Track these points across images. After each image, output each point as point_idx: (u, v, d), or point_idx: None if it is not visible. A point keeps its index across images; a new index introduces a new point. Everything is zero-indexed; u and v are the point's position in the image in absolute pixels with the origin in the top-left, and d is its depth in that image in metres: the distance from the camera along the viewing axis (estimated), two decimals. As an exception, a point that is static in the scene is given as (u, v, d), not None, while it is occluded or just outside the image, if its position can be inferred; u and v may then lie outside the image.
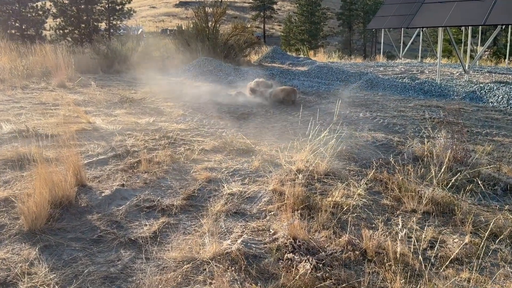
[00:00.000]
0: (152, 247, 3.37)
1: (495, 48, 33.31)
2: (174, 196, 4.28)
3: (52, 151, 5.21)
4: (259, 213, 4.00)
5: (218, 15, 16.62)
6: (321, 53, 27.57)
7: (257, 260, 3.24)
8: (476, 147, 6.03)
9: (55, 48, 14.11)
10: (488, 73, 15.36)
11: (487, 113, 8.59)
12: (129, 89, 10.53)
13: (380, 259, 3.27)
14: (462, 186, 4.59)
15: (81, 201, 4.04)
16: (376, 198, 4.38)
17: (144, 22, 64.03)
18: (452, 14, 12.00)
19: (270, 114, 8.19)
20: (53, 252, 3.26)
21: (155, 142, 5.94)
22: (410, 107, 9.18)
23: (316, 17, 56.71)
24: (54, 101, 8.65)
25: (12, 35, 22.39)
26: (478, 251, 3.45)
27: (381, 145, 6.21)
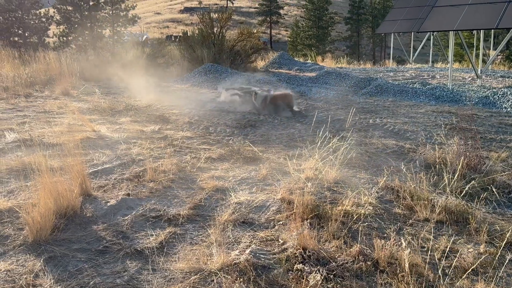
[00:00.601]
0: (158, 257, 3.30)
1: (508, 52, 33.09)
2: (181, 205, 4.21)
3: (56, 160, 5.16)
4: (268, 222, 3.91)
5: (224, 21, 16.60)
6: (329, 58, 27.52)
7: (266, 271, 3.16)
8: (490, 153, 5.91)
9: (58, 55, 14.14)
10: (501, 78, 15.20)
11: (500, 119, 8.45)
12: (134, 97, 10.50)
13: (392, 269, 3.18)
14: (476, 194, 4.48)
15: (86, 211, 3.98)
16: (387, 207, 4.28)
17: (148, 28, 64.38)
18: (464, 18, 11.88)
19: (277, 121, 8.11)
20: (58, 264, 3.19)
21: (161, 150, 5.89)
22: (422, 113, 9.06)
23: (324, 22, 56.74)
24: (58, 109, 8.63)
25: (15, 42, 22.53)
26: (494, 261, 3.34)
27: (392, 152, 6.11)
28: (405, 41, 41.29)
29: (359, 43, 61.69)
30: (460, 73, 16.74)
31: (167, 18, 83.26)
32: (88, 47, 22.13)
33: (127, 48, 16.19)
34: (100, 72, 14.31)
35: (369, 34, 61.24)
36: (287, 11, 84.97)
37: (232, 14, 17.70)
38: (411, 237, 3.68)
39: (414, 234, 3.74)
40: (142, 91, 11.21)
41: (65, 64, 12.73)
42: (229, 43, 16.94)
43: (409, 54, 25.32)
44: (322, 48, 53.28)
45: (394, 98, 11.32)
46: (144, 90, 11.37)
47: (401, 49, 28.03)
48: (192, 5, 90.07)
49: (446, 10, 12.65)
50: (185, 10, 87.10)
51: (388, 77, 15.59)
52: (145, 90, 11.37)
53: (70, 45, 23.82)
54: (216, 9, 18.30)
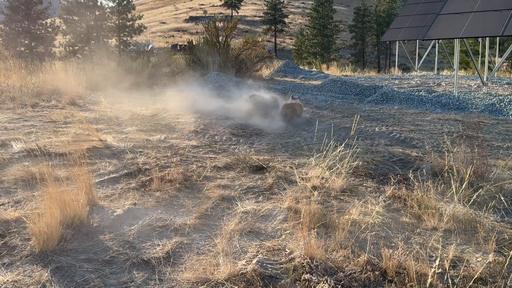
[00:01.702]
0: (165, 267, 3.28)
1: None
2: (187, 215, 4.20)
3: (63, 170, 5.17)
4: (274, 232, 3.90)
5: (229, 30, 16.67)
6: (334, 67, 27.54)
7: (273, 281, 3.14)
8: (498, 161, 5.87)
9: (65, 65, 14.22)
10: (507, 85, 15.15)
11: (507, 126, 8.41)
12: (139, 106, 10.53)
13: (401, 279, 3.15)
14: (484, 203, 4.44)
15: (92, 221, 3.97)
16: (395, 216, 4.26)
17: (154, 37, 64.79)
18: (469, 25, 11.88)
19: (283, 130, 8.10)
20: (65, 274, 3.19)
21: (167, 159, 5.89)
22: (428, 120, 9.03)
23: (328, 30, 56.89)
24: (65, 119, 8.66)
25: (22, 52, 22.72)
26: (503, 270, 3.31)
27: (399, 161, 6.08)
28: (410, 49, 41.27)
29: (364, 51, 61.79)
30: (466, 81, 16.69)
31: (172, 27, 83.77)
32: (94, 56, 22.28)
33: (133, 58, 16.25)
34: (106, 81, 14.36)
35: (374, 42, 61.35)
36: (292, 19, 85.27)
37: (237, 23, 17.77)
38: (419, 246, 3.65)
39: (422, 243, 3.71)
40: (148, 100, 11.25)
41: (71, 73, 12.79)
42: (234, 51, 16.99)
43: (414, 61, 25.31)
44: (327, 56, 53.38)
45: (400, 106, 11.30)
46: (150, 99, 11.41)
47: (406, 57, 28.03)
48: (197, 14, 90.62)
49: (451, 18, 12.65)
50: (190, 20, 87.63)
51: (393, 85, 15.57)
52: (151, 99, 11.41)
53: (76, 55, 24.00)
54: (221, 18, 18.39)
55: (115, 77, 14.61)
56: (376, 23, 61.07)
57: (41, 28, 24.21)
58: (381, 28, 58.46)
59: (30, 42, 23.73)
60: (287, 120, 8.72)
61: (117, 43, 25.28)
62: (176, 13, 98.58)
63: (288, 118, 8.78)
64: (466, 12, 12.44)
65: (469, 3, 12.72)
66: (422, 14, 23.28)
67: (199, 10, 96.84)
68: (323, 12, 56.96)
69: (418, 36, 22.18)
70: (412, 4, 25.05)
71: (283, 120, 8.71)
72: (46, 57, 19.24)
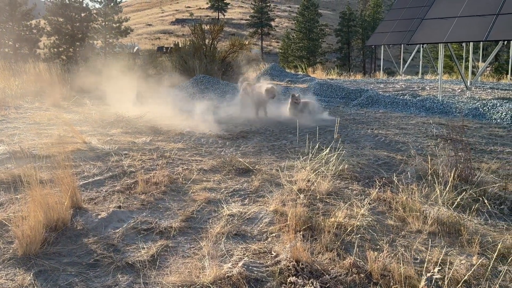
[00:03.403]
0: (150, 271, 3.26)
1: (497, 64, 33.52)
2: (173, 217, 4.17)
3: (46, 173, 5.11)
4: (260, 234, 3.89)
5: (215, 32, 16.66)
6: (319, 70, 27.65)
7: (259, 284, 3.13)
8: (481, 165, 5.94)
9: (49, 66, 14.07)
10: (490, 89, 15.36)
11: (490, 130, 8.52)
12: (125, 108, 10.45)
13: (385, 282, 3.16)
14: (468, 206, 4.49)
15: (76, 224, 3.93)
16: (380, 218, 4.28)
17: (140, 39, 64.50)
18: (453, 30, 12.02)
19: (269, 132, 8.11)
20: (48, 277, 3.15)
21: (152, 162, 5.85)
22: (412, 124, 9.11)
23: (315, 34, 57.20)
24: (49, 120, 8.57)
25: (6, 53, 22.45)
26: (487, 272, 3.34)
27: (384, 164, 6.12)
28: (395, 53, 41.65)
29: (350, 55, 62.20)
30: (450, 85, 16.89)
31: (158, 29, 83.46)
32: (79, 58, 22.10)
33: (118, 59, 16.15)
34: (91, 83, 14.24)
35: (359, 46, 61.81)
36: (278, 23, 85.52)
37: (223, 25, 17.78)
38: (404, 248, 3.67)
39: (406, 246, 3.74)
40: (133, 102, 11.16)
41: (55, 75, 12.66)
42: (220, 54, 16.99)
43: (399, 65, 25.54)
44: (313, 60, 53.65)
45: (385, 109, 11.39)
46: (135, 101, 11.32)
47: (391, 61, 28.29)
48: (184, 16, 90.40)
49: (436, 23, 12.80)
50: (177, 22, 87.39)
51: (378, 89, 15.69)
52: (136, 101, 11.32)
53: (61, 56, 23.78)
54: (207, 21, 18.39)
55: (100, 79, 14.50)
56: (361, 27, 61.53)
57: (26, 29, 23.94)
58: (366, 32, 58.93)
59: (14, 43, 23.45)
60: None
61: (103, 45, 25.09)
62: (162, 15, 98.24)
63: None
64: (451, 17, 12.59)
65: (454, 8, 12.87)
66: (407, 19, 23.51)
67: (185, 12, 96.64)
68: (309, 16, 57.26)
69: (403, 40, 22.39)
70: (397, 9, 25.29)
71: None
72: (31, 59, 19.00)
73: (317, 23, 58.45)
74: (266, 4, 74.86)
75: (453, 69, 29.30)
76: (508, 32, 11.22)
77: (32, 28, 24.15)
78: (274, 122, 9.11)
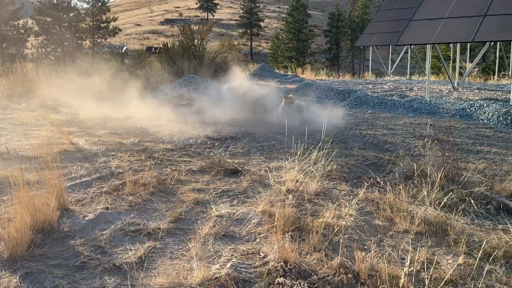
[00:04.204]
0: (137, 273, 3.24)
1: (484, 65, 33.85)
2: (161, 219, 4.16)
3: (33, 174, 5.06)
4: (249, 235, 3.89)
5: (204, 33, 16.64)
6: (308, 71, 27.72)
7: (247, 285, 3.13)
8: (468, 165, 5.99)
9: (36, 67, 13.95)
10: (477, 90, 15.51)
11: (477, 131, 8.60)
12: (113, 108, 10.39)
13: (373, 282, 3.18)
14: (455, 206, 4.53)
15: (63, 225, 3.90)
16: (368, 219, 4.30)
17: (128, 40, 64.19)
18: (441, 31, 12.12)
19: (258, 133, 8.10)
20: (34, 280, 3.12)
21: (141, 163, 5.82)
22: (400, 124, 9.17)
23: (304, 35, 57.35)
24: (36, 121, 8.49)
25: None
26: (473, 272, 3.37)
27: (372, 164, 6.15)
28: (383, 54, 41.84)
29: (339, 55, 62.45)
30: (437, 86, 17.02)
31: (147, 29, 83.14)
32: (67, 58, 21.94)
33: (106, 60, 16.06)
34: (79, 83, 14.13)
35: (348, 46, 62.09)
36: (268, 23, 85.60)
37: (212, 26, 17.78)
38: (391, 248, 3.69)
39: (394, 246, 3.76)
40: (121, 102, 11.11)
41: (43, 75, 12.56)
42: (209, 55, 16.98)
43: (387, 66, 25.67)
44: (302, 60, 53.76)
45: (373, 110, 11.44)
46: (124, 101, 11.27)
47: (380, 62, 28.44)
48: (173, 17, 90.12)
49: (423, 24, 12.89)
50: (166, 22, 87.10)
51: (367, 89, 15.76)
52: (125, 101, 11.27)
53: (48, 57, 23.59)
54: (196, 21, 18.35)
55: (88, 79, 14.40)
56: (350, 28, 61.83)
57: (13, 29, 23.71)
58: (355, 33, 59.21)
59: (1, 43, 23.21)
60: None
61: (91, 45, 24.93)
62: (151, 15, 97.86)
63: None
64: (438, 18, 12.69)
65: (441, 9, 12.97)
66: (395, 20, 23.65)
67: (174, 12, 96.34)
68: (298, 16, 57.40)
69: (391, 41, 22.51)
70: (385, 10, 25.43)
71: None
72: (18, 59, 18.83)
73: (306, 23, 58.62)
74: (256, 5, 74.92)
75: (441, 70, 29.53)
76: (495, 33, 11.34)
77: (19, 28, 23.93)
78: (263, 122, 9.11)
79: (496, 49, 21.73)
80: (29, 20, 24.92)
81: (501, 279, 3.32)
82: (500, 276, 3.35)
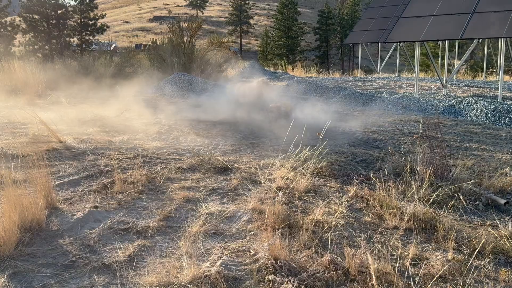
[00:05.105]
0: (127, 271, 3.22)
1: (472, 62, 34.09)
2: (150, 217, 4.14)
3: (21, 173, 5.01)
4: (239, 233, 3.88)
5: (194, 30, 16.57)
6: (298, 68, 27.75)
7: (238, 282, 3.13)
8: (457, 161, 6.03)
9: (24, 64, 13.80)
10: (466, 87, 15.62)
11: (466, 127, 8.67)
12: (102, 106, 10.32)
13: (363, 278, 3.19)
14: (444, 202, 4.56)
15: (52, 224, 3.86)
16: (357, 216, 4.31)
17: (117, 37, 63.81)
18: (429, 29, 12.18)
19: (248, 131, 8.09)
20: (22, 279, 3.09)
21: (130, 161, 5.78)
22: (389, 121, 9.21)
23: (293, 32, 57.37)
24: (23, 119, 8.39)
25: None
26: (462, 267, 3.39)
27: (361, 161, 6.17)
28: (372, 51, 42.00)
29: (328, 53, 62.54)
30: (426, 83, 17.11)
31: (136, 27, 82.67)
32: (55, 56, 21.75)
33: (95, 57, 15.94)
34: (67, 81, 14.02)
35: (338, 44, 62.21)
36: (257, 21, 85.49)
37: (202, 23, 17.70)
38: (381, 245, 3.71)
39: (383, 242, 3.78)
40: (110, 100, 11.04)
41: (30, 73, 12.42)
42: (199, 52, 16.91)
43: (377, 64, 25.76)
44: (292, 58, 53.77)
45: (363, 107, 11.48)
46: (113, 99, 11.20)
47: (369, 59, 28.54)
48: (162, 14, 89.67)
49: (412, 21, 12.94)
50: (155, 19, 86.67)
51: (356, 87, 15.81)
52: (114, 99, 11.20)
53: (36, 54, 23.37)
54: (186, 18, 18.25)
55: (76, 77, 14.30)
56: (339, 25, 61.94)
57: (0, 26, 23.44)
58: (344, 30, 59.33)
59: (-12, 41, 22.98)
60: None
61: (79, 42, 24.72)
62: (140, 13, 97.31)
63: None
64: (427, 15, 12.75)
65: (430, 6, 13.03)
66: (384, 17, 23.71)
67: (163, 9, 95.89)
68: (288, 14, 57.39)
69: (380, 39, 22.57)
70: (374, 7, 25.49)
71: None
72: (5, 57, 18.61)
73: (296, 21, 58.62)
74: (245, 2, 74.79)
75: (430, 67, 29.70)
76: (482, 30, 11.42)
77: (6, 25, 23.65)
78: (254, 120, 9.10)
79: (484, 46, 21.90)
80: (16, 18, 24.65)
81: (490, 275, 3.35)
82: (489, 272, 3.38)
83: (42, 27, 23.44)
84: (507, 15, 11.18)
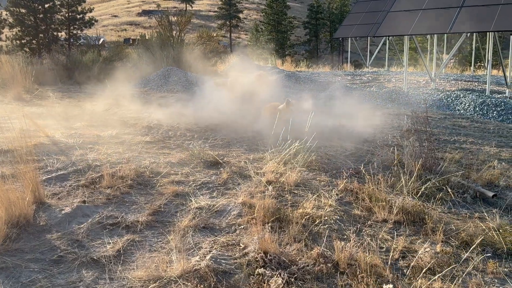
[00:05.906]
0: (116, 266, 3.20)
1: (461, 56, 34.29)
2: (139, 211, 4.11)
3: (8, 167, 4.95)
4: (229, 227, 3.88)
5: (183, 24, 16.47)
6: (288, 62, 27.70)
7: (227, 276, 3.12)
8: (445, 154, 6.07)
9: (11, 59, 13.62)
10: (454, 81, 15.72)
11: (454, 121, 8.72)
12: (90, 101, 10.23)
13: (352, 271, 3.20)
14: (432, 195, 4.59)
15: (39, 219, 3.83)
16: (347, 209, 4.32)
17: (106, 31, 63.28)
18: (418, 23, 12.22)
19: (238, 125, 8.07)
20: (10, 275, 3.05)
21: (119, 155, 5.74)
22: (379, 115, 9.24)
23: (283, 26, 57.25)
24: (10, 114, 8.30)
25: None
26: (450, 260, 3.42)
27: (351, 155, 6.19)
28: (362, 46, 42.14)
29: (318, 47, 62.57)
30: (415, 77, 17.19)
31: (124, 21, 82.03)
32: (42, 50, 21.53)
33: (83, 51, 15.78)
34: (55, 76, 13.89)
35: (327, 38, 62.23)
36: (247, 15, 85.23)
37: (191, 17, 17.60)
38: (370, 238, 3.72)
39: (373, 235, 3.79)
40: (99, 95, 10.96)
41: (17, 68, 12.26)
42: (188, 46, 16.81)
43: (366, 58, 25.84)
44: (282, 52, 53.65)
45: (352, 101, 11.50)
46: (101, 94, 11.11)
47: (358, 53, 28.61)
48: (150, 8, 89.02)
49: (401, 15, 12.98)
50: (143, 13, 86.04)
51: (346, 81, 15.84)
52: (102, 94, 11.12)
53: (24, 49, 23.09)
54: (175, 12, 18.13)
55: (64, 72, 14.16)
56: (329, 20, 61.94)
57: (-14, 21, 23.15)
58: (334, 25, 59.36)
59: (-26, 36, 22.65)
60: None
61: (67, 37, 24.46)
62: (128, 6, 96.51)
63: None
64: (415, 9, 12.79)
65: (418, 1, 13.08)
66: (373, 11, 23.78)
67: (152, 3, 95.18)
68: (278, 8, 57.23)
69: (369, 33, 22.64)
70: (364, 1, 25.54)
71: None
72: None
73: (285, 15, 58.47)
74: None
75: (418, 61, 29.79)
76: (471, 24, 11.48)
77: (-7, 19, 23.37)
78: (243, 115, 9.07)
79: (472, 41, 22.02)
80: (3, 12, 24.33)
81: (478, 267, 3.38)
82: (477, 264, 3.41)
83: (29, 21, 23.13)
84: (495, 9, 11.25)
